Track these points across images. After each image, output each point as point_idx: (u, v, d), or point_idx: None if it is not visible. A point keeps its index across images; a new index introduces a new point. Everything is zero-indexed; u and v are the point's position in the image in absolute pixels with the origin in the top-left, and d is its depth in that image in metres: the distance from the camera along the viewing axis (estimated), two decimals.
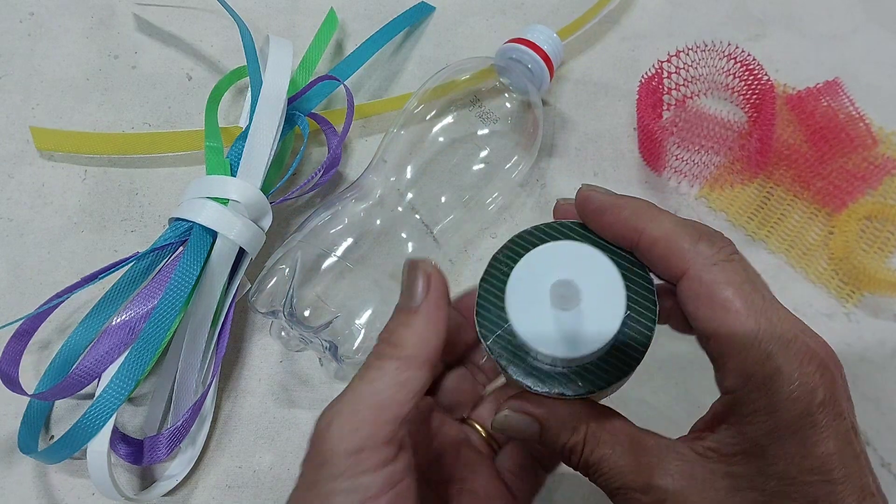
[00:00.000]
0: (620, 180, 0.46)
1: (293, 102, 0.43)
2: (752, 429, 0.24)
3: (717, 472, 0.24)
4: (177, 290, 0.35)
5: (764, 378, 0.23)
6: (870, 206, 0.44)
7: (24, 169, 0.45)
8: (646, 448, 0.25)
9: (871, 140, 0.45)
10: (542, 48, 0.43)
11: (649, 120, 0.43)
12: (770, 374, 0.23)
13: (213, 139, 0.40)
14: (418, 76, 0.49)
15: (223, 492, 0.38)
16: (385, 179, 0.40)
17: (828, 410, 0.23)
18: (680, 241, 0.25)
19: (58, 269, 0.42)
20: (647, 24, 0.51)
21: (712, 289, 0.24)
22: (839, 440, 0.23)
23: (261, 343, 0.41)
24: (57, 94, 0.47)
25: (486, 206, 0.42)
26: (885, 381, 0.41)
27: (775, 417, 0.23)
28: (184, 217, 0.37)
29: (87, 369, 0.35)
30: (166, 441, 0.37)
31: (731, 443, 0.24)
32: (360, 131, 0.47)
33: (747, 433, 0.24)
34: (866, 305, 0.42)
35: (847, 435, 0.23)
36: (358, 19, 0.51)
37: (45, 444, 0.38)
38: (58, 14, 0.50)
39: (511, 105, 0.42)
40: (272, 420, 0.39)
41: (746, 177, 0.45)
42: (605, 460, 0.25)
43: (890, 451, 0.39)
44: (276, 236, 0.43)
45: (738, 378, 0.24)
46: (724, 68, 0.46)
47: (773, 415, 0.23)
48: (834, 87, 0.46)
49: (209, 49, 0.49)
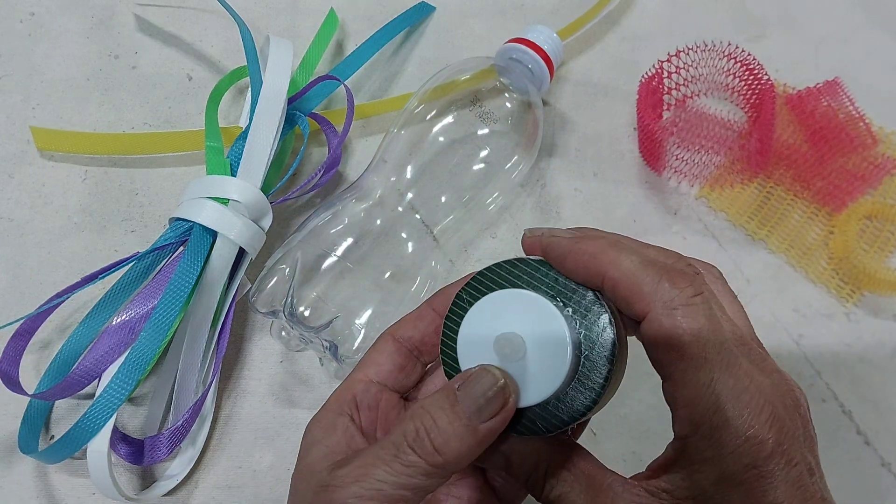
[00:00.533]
0: (620, 180, 0.46)
1: (293, 102, 0.43)
2: (699, 476, 0.24)
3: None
4: (177, 290, 0.35)
5: (711, 429, 0.23)
6: (870, 205, 0.44)
7: (25, 169, 0.45)
8: (602, 487, 0.25)
9: (871, 140, 0.45)
10: (543, 48, 0.43)
11: (649, 120, 0.43)
12: (718, 426, 0.23)
13: (213, 139, 0.40)
14: (418, 76, 0.49)
15: (223, 492, 0.38)
16: (385, 179, 0.40)
17: (776, 461, 0.23)
18: (640, 284, 0.24)
19: (58, 269, 0.42)
20: (647, 24, 0.51)
21: (669, 334, 0.24)
22: (789, 486, 0.23)
23: (261, 343, 0.41)
24: (57, 94, 0.47)
25: (487, 206, 0.42)
26: (884, 381, 0.41)
27: (722, 468, 0.23)
28: (184, 217, 0.37)
29: (87, 369, 0.35)
30: (166, 441, 0.37)
31: (682, 486, 0.24)
32: (360, 131, 0.47)
33: (696, 480, 0.24)
34: (866, 305, 0.42)
35: (799, 480, 0.23)
36: (358, 19, 0.51)
37: (45, 444, 0.38)
38: (58, 14, 0.50)
39: (511, 105, 0.42)
40: (272, 420, 0.39)
41: (746, 177, 0.45)
42: (564, 498, 0.26)
43: (890, 451, 0.39)
44: (276, 236, 0.43)
45: (688, 426, 0.24)
46: (724, 68, 0.46)
47: (719, 465, 0.23)
48: (834, 87, 0.46)
49: (209, 49, 0.49)
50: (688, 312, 0.24)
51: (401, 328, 0.30)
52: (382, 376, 0.29)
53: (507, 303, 0.26)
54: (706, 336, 0.24)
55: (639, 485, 0.25)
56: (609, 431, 0.39)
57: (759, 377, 0.24)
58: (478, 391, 0.25)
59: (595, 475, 0.26)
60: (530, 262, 0.27)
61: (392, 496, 0.24)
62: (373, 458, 0.24)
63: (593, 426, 0.40)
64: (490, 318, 0.26)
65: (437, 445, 0.24)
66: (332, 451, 0.27)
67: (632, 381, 0.40)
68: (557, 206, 0.45)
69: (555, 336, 0.25)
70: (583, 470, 0.26)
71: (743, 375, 0.23)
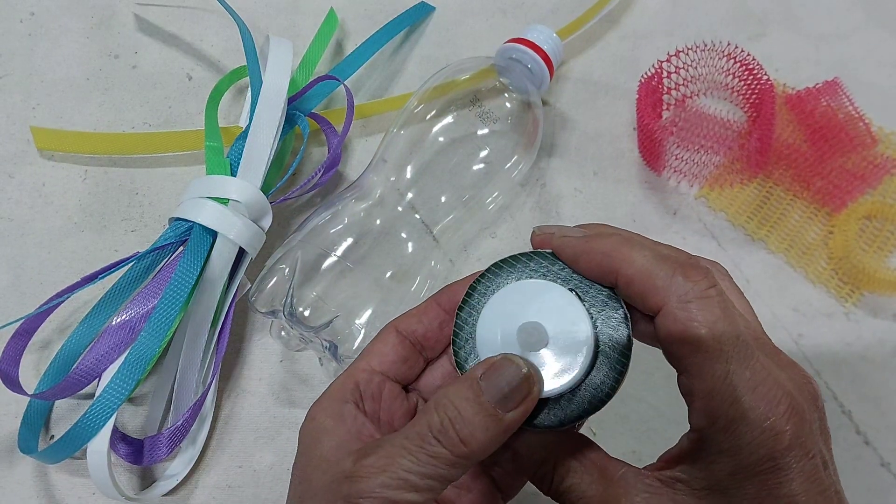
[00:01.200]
0: (620, 180, 0.46)
1: (293, 102, 0.43)
2: (716, 468, 0.24)
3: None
4: (177, 290, 0.35)
5: (729, 422, 0.23)
6: (869, 205, 0.44)
7: (25, 169, 0.45)
8: (614, 478, 0.25)
9: (871, 139, 0.45)
10: (542, 48, 0.43)
11: (649, 119, 0.43)
12: (735, 418, 0.23)
13: (213, 139, 0.40)
14: (418, 76, 0.49)
15: (223, 491, 0.38)
16: (385, 179, 0.40)
17: (794, 453, 0.23)
18: (654, 279, 0.25)
19: (58, 269, 0.42)
20: (647, 23, 0.51)
21: (685, 327, 0.24)
22: (805, 479, 0.23)
23: (261, 343, 0.41)
24: (57, 94, 0.47)
25: (486, 206, 0.42)
26: (885, 380, 0.41)
27: (738, 460, 0.23)
28: (184, 217, 0.37)
29: (87, 369, 0.35)
30: (166, 441, 0.37)
31: (697, 476, 0.24)
32: (360, 131, 0.47)
33: (713, 471, 0.24)
34: (866, 305, 0.42)
35: (814, 473, 0.23)
36: (358, 19, 0.51)
37: (45, 444, 0.38)
38: (58, 14, 0.50)
39: (511, 105, 0.42)
40: (272, 420, 0.39)
41: (746, 176, 0.45)
42: (574, 489, 0.26)
43: (890, 451, 0.39)
44: (276, 236, 0.43)
45: (704, 418, 0.24)
46: (724, 68, 0.46)
47: (736, 457, 0.23)
48: (833, 86, 0.46)
49: (209, 49, 0.49)
50: (703, 305, 0.24)
51: (405, 321, 0.30)
52: (385, 367, 0.29)
53: (529, 293, 0.26)
54: (722, 328, 0.24)
55: (652, 475, 0.25)
56: (609, 430, 0.39)
57: (776, 370, 0.24)
58: (502, 381, 0.24)
59: (606, 466, 0.26)
60: (546, 255, 0.27)
61: (418, 485, 0.24)
62: (398, 448, 0.24)
63: (593, 425, 0.40)
64: (512, 308, 0.26)
65: (462, 436, 0.24)
66: (345, 441, 0.27)
67: (632, 381, 0.40)
68: (557, 205, 0.45)
69: (576, 329, 0.26)
70: (593, 461, 0.26)
71: (759, 367, 0.23)
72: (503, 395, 0.24)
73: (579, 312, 0.26)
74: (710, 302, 0.24)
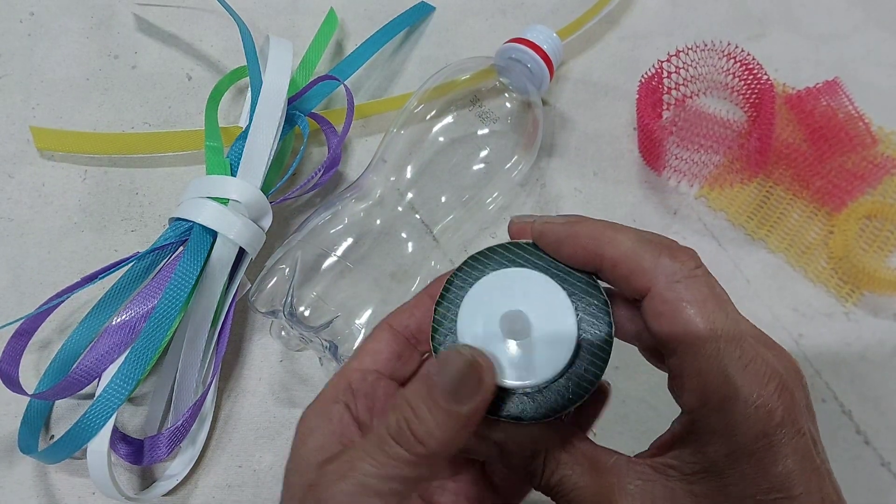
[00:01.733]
0: (620, 180, 0.46)
1: (293, 102, 0.43)
2: (710, 449, 0.23)
3: (678, 491, 0.24)
4: (177, 289, 0.35)
5: (721, 400, 0.23)
6: (869, 205, 0.44)
7: (25, 169, 0.45)
8: (605, 467, 0.25)
9: (871, 139, 0.45)
10: (542, 48, 0.43)
11: (649, 119, 0.43)
12: (727, 396, 0.23)
13: (213, 139, 0.40)
14: (418, 76, 0.49)
15: (223, 491, 0.38)
16: (385, 179, 0.40)
17: (786, 430, 0.23)
18: (640, 260, 0.24)
19: (58, 269, 0.42)
20: (647, 23, 0.51)
21: (674, 307, 0.24)
22: (798, 457, 0.23)
23: (261, 343, 0.41)
24: (57, 94, 0.47)
25: (486, 206, 0.42)
26: (885, 380, 0.41)
27: (732, 439, 0.23)
28: (184, 217, 0.37)
29: (87, 369, 0.35)
30: (166, 441, 0.37)
31: (691, 461, 0.24)
32: (360, 131, 0.47)
33: (706, 453, 0.24)
34: (866, 304, 0.42)
35: (806, 450, 0.23)
36: (358, 19, 0.51)
37: (45, 444, 0.38)
38: (58, 14, 0.50)
39: (511, 105, 0.42)
40: (272, 420, 0.39)
41: (746, 176, 0.45)
42: (566, 481, 0.25)
43: (890, 451, 0.39)
44: (276, 236, 0.43)
45: (696, 398, 0.24)
46: (724, 68, 0.46)
47: (730, 437, 0.23)
48: (833, 86, 0.46)
49: (209, 49, 0.49)
50: (691, 284, 0.24)
51: (397, 317, 0.30)
52: (379, 364, 0.29)
53: (509, 283, 0.26)
54: (711, 307, 0.24)
55: (644, 462, 0.25)
56: (608, 430, 0.39)
57: (763, 349, 0.24)
58: (450, 374, 0.24)
59: (597, 456, 0.26)
60: (524, 245, 0.27)
61: (380, 490, 0.23)
62: (360, 452, 0.24)
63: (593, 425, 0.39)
64: (493, 298, 0.26)
65: (419, 436, 0.23)
66: (325, 442, 0.26)
67: (632, 381, 0.40)
68: (557, 205, 0.45)
69: (559, 317, 0.25)
70: (583, 452, 0.26)
71: (748, 346, 0.23)
72: (454, 388, 0.24)
73: (561, 300, 0.25)
74: (698, 281, 0.24)
